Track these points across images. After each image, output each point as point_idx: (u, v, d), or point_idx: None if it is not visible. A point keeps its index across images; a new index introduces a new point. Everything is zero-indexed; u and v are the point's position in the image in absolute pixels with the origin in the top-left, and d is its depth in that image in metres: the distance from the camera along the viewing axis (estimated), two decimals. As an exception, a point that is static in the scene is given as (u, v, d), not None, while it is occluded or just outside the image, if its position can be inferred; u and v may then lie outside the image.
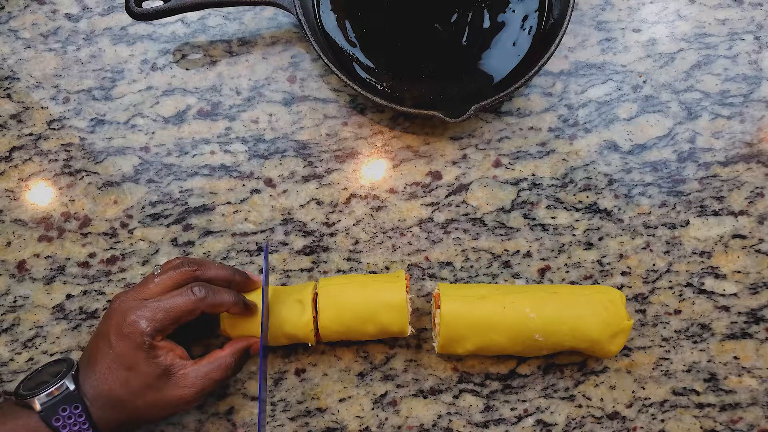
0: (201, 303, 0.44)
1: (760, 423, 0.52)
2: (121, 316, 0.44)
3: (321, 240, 0.55)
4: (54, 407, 0.42)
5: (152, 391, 0.44)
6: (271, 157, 0.57)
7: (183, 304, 0.44)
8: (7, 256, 0.55)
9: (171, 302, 0.44)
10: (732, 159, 0.56)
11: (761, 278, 0.54)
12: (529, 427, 0.52)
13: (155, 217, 0.56)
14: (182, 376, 0.45)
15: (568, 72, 0.58)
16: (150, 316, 0.43)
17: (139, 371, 0.43)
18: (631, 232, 0.55)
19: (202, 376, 0.45)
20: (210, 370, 0.46)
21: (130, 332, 0.43)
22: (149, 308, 0.44)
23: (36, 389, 0.42)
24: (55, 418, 0.41)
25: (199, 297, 0.44)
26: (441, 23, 0.58)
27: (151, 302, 0.44)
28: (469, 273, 0.55)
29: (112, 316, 0.44)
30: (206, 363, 0.46)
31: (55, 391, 0.42)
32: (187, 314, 0.44)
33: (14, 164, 0.57)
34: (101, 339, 0.44)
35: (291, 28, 0.59)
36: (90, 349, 0.45)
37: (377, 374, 0.53)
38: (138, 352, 0.43)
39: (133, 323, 0.43)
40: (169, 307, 0.44)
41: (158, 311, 0.43)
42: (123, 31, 0.59)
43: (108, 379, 0.43)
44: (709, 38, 0.58)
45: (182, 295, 0.44)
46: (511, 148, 0.57)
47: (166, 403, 0.44)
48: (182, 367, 0.45)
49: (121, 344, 0.43)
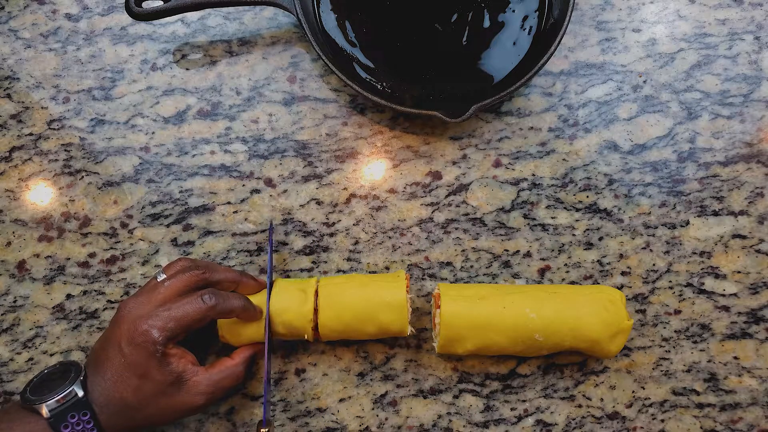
0: (211, 311, 0.45)
1: (760, 423, 0.52)
2: (132, 324, 0.43)
3: (321, 240, 0.55)
4: (63, 414, 0.41)
5: (164, 397, 0.44)
6: (271, 157, 0.57)
7: (194, 313, 0.44)
8: (7, 256, 0.55)
9: (182, 311, 0.44)
10: (732, 159, 0.56)
11: (761, 278, 0.54)
12: (529, 427, 0.52)
13: (155, 217, 0.56)
14: (194, 383, 0.45)
15: (568, 72, 0.58)
16: (161, 325, 0.43)
17: (152, 379, 0.43)
18: (631, 232, 0.55)
19: (213, 383, 0.45)
20: (221, 378, 0.46)
21: (143, 341, 0.43)
22: (160, 317, 0.43)
23: (44, 395, 0.42)
24: (63, 425, 0.41)
25: (209, 305, 0.44)
26: (441, 23, 0.58)
27: (161, 311, 0.44)
28: (469, 273, 0.55)
29: (122, 324, 0.44)
30: (218, 371, 0.46)
31: (63, 398, 0.42)
32: (197, 322, 0.44)
33: (14, 164, 0.57)
34: (111, 346, 0.44)
35: (291, 28, 0.59)
36: (98, 356, 0.44)
37: (377, 374, 0.53)
38: (150, 360, 0.43)
39: (144, 333, 0.43)
40: (180, 316, 0.44)
41: (169, 320, 0.43)
42: (123, 31, 0.59)
43: (119, 387, 0.43)
44: (709, 38, 0.58)
45: (192, 303, 0.44)
46: (511, 148, 0.57)
47: (177, 410, 0.45)
48: (194, 373, 0.45)
49: (133, 353, 0.43)
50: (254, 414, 0.52)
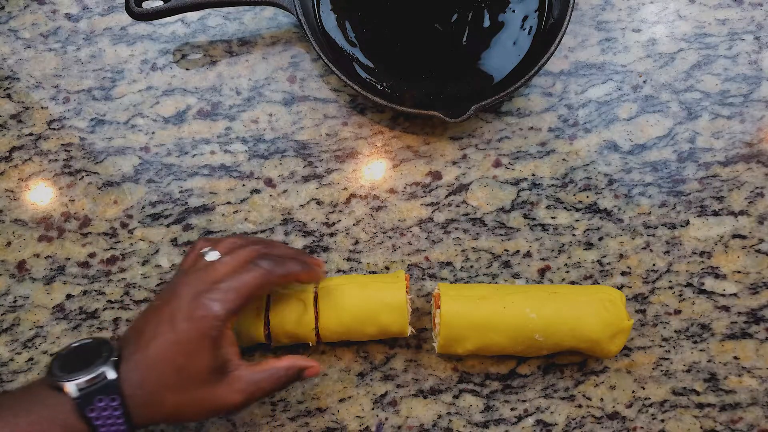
0: (270, 275, 0.42)
1: (760, 423, 0.52)
2: (190, 298, 0.41)
3: (321, 240, 0.55)
4: (90, 396, 0.38)
5: (202, 386, 0.41)
6: (271, 157, 0.57)
7: (252, 280, 0.41)
8: (7, 256, 0.55)
9: (240, 280, 0.41)
10: (732, 159, 0.56)
11: (761, 278, 0.54)
12: (529, 427, 0.52)
13: (155, 217, 0.56)
14: (236, 378, 0.42)
15: (568, 72, 0.58)
16: (222, 297, 0.40)
17: (199, 360, 0.40)
18: (631, 232, 0.55)
19: (254, 382, 0.42)
20: (263, 379, 0.43)
21: (203, 315, 0.40)
22: (220, 290, 0.41)
23: (72, 372, 0.38)
24: (89, 408, 0.37)
25: (267, 269, 0.42)
26: (441, 23, 0.58)
27: (220, 284, 0.41)
28: (469, 273, 0.55)
29: (179, 298, 0.41)
30: (261, 370, 0.43)
31: (93, 379, 0.38)
32: (258, 289, 0.42)
33: (14, 164, 0.57)
34: (162, 322, 0.41)
35: (291, 28, 0.59)
36: (142, 333, 0.41)
37: (377, 374, 0.53)
38: (203, 339, 0.40)
39: (205, 306, 0.40)
40: (239, 286, 0.41)
41: (229, 292, 0.41)
42: (123, 31, 0.59)
43: (161, 365, 0.40)
44: (709, 38, 0.58)
45: (249, 270, 0.42)
46: (511, 148, 0.57)
47: (211, 404, 0.41)
48: (238, 366, 0.42)
49: (187, 328, 0.40)
50: (254, 414, 0.52)
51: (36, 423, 0.37)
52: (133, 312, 0.54)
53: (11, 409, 0.37)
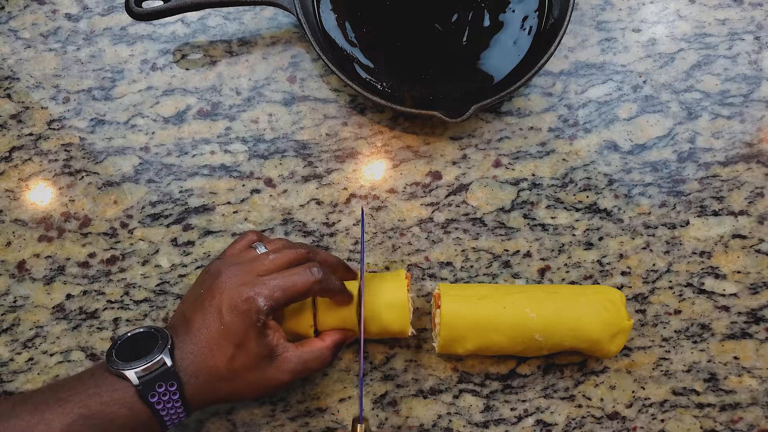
0: (317, 285, 0.43)
1: (760, 423, 0.52)
2: (235, 291, 0.42)
3: (321, 240, 0.55)
4: (151, 383, 0.39)
5: (254, 371, 0.42)
6: (271, 157, 0.57)
7: (302, 284, 0.43)
8: (7, 256, 0.55)
9: (290, 281, 0.42)
10: (732, 159, 0.56)
11: (761, 278, 0.54)
12: (529, 427, 0.52)
13: (155, 217, 0.56)
14: (284, 359, 0.43)
15: (568, 72, 0.58)
16: (268, 294, 0.42)
17: (248, 350, 0.42)
18: (631, 232, 0.55)
19: (302, 362, 0.44)
20: (310, 359, 0.45)
21: (246, 309, 0.41)
22: (267, 286, 0.42)
23: (131, 361, 0.40)
24: (150, 394, 0.39)
25: (317, 278, 0.43)
26: (441, 23, 0.58)
27: (267, 279, 0.42)
28: (469, 273, 0.55)
29: (223, 291, 0.42)
30: (308, 350, 0.45)
31: (153, 366, 0.40)
32: (302, 295, 0.43)
33: (14, 164, 0.57)
34: (209, 313, 0.42)
35: (291, 28, 0.59)
36: (191, 323, 0.42)
37: (377, 374, 0.53)
38: (250, 330, 0.41)
39: (250, 300, 0.41)
40: (288, 286, 0.42)
41: (276, 290, 0.42)
42: (123, 31, 0.59)
43: (213, 355, 0.41)
44: (709, 38, 0.58)
45: (301, 274, 0.43)
46: (511, 148, 0.57)
47: (264, 385, 0.43)
48: (285, 349, 0.44)
49: (234, 320, 0.41)
50: (254, 414, 0.52)
51: (107, 404, 0.39)
52: (133, 312, 0.54)
53: (82, 392, 0.39)
